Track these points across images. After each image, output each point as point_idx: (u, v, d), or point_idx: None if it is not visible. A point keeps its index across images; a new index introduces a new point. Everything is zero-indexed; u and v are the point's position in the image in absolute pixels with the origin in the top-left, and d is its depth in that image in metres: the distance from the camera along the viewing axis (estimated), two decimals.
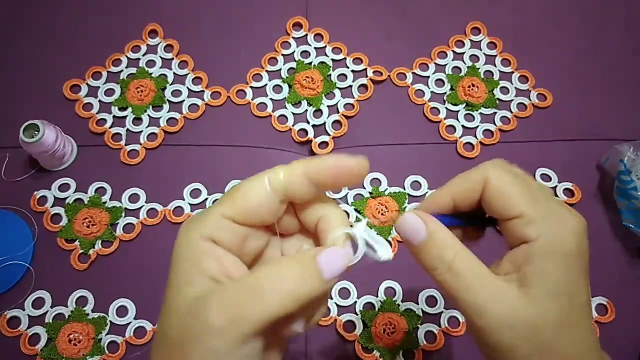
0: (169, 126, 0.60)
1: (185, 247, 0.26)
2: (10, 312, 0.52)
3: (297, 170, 0.26)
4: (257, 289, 0.23)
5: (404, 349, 0.51)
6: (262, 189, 0.26)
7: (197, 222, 0.26)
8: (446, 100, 0.62)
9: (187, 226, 0.26)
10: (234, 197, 0.26)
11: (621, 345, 0.52)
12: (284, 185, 0.26)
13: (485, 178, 0.27)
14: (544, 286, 0.25)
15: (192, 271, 0.25)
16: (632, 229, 0.53)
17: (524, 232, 0.26)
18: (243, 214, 0.26)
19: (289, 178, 0.26)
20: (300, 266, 0.24)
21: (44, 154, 0.54)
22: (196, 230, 0.26)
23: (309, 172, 0.26)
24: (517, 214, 0.26)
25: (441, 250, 0.26)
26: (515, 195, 0.26)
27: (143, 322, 0.52)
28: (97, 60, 0.63)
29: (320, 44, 0.64)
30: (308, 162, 0.26)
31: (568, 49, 0.66)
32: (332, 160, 0.26)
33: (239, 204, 0.26)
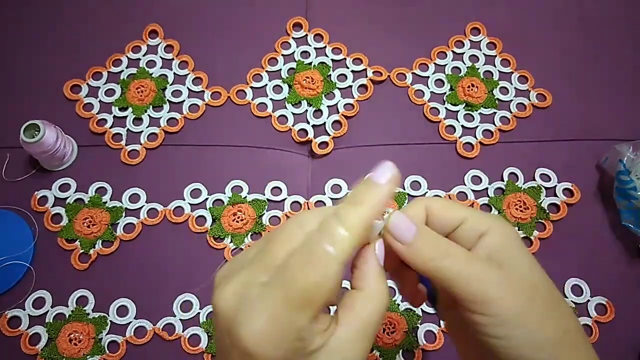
0: (169, 126, 0.60)
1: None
2: (10, 311, 0.52)
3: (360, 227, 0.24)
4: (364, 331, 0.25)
5: (404, 348, 0.51)
6: (334, 272, 0.23)
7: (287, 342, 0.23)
8: (446, 100, 0.62)
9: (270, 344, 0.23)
10: (313, 299, 0.23)
11: (621, 345, 0.52)
12: (353, 251, 0.24)
13: (425, 206, 0.30)
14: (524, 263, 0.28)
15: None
16: (632, 228, 0.53)
17: (477, 228, 0.29)
18: (322, 308, 0.24)
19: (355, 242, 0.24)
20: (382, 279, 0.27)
21: (44, 154, 0.54)
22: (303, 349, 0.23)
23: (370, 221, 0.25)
24: (463, 217, 0.29)
25: (434, 240, 0.28)
26: (455, 207, 0.30)
27: (143, 321, 0.52)
28: (97, 61, 0.63)
29: (320, 44, 0.64)
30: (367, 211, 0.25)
31: (568, 49, 0.66)
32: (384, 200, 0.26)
33: (325, 303, 0.24)
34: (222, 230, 0.55)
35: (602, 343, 0.52)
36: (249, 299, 0.23)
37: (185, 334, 0.51)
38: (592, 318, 0.53)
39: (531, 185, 0.58)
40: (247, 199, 0.56)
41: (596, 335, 0.52)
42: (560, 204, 0.57)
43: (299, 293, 0.23)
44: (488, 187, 0.58)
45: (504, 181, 0.58)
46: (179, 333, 0.51)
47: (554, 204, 0.57)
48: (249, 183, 0.57)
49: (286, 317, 0.23)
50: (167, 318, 0.52)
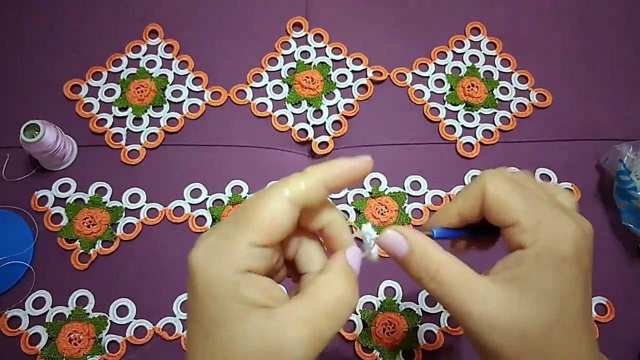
0: (169, 126, 0.60)
1: (218, 284, 0.24)
2: (10, 311, 0.52)
3: (316, 179, 0.26)
4: (326, 309, 0.25)
5: (404, 348, 0.51)
6: (284, 205, 0.25)
7: (222, 254, 0.24)
8: (446, 100, 0.62)
9: (209, 260, 0.24)
10: (256, 221, 0.25)
11: (621, 345, 0.52)
12: (304, 195, 0.26)
13: (483, 190, 0.28)
14: (533, 288, 0.25)
15: (239, 306, 0.24)
16: (632, 229, 0.53)
17: (520, 239, 0.26)
18: (271, 238, 0.25)
19: (309, 188, 0.26)
20: (347, 277, 0.26)
21: (44, 154, 0.54)
22: (225, 264, 0.24)
23: (327, 179, 0.26)
24: (512, 222, 0.26)
25: (424, 261, 0.27)
26: (510, 204, 0.27)
27: (143, 321, 0.52)
28: (97, 61, 0.63)
29: (320, 44, 0.64)
30: (325, 169, 0.26)
31: (568, 49, 0.66)
32: (346, 166, 0.27)
33: (265, 227, 0.25)
34: None
35: (602, 343, 0.51)
36: (209, 232, 0.26)
37: (185, 334, 0.51)
38: (592, 318, 0.53)
39: (556, 185, 0.57)
40: (247, 199, 0.56)
41: (596, 335, 0.52)
42: None
43: (248, 218, 0.25)
44: None
45: None
46: (179, 333, 0.51)
47: None
48: (249, 183, 0.57)
49: (226, 234, 0.25)
50: (167, 318, 0.52)
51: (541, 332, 0.25)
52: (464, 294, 0.26)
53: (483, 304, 0.25)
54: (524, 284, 0.25)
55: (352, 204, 0.56)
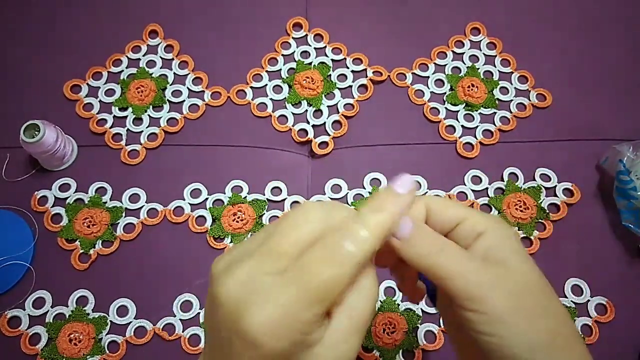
0: (169, 126, 0.60)
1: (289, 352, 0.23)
2: (10, 312, 0.52)
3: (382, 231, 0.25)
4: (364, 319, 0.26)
5: (404, 348, 0.51)
6: (352, 273, 0.24)
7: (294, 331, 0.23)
8: (446, 100, 0.62)
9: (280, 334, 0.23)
10: (325, 294, 0.23)
11: (621, 345, 0.52)
12: (372, 247, 0.25)
13: (424, 204, 0.30)
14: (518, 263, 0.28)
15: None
16: (632, 228, 0.53)
17: (475, 228, 0.29)
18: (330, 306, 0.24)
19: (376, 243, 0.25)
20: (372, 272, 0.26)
21: (44, 154, 0.54)
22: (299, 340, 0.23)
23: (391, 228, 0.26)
24: (462, 217, 0.30)
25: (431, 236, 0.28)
26: (455, 207, 0.30)
27: (143, 321, 0.52)
28: (97, 61, 0.63)
29: (320, 44, 0.64)
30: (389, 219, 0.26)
31: (568, 49, 0.66)
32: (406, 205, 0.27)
33: (334, 298, 0.24)
34: (222, 230, 0.55)
35: (602, 343, 0.52)
36: (260, 289, 0.23)
37: (185, 334, 0.51)
38: (592, 318, 0.53)
39: (531, 185, 0.58)
40: (247, 199, 0.56)
41: (596, 335, 0.52)
42: (560, 204, 0.57)
43: (314, 288, 0.23)
44: (488, 187, 0.58)
45: (504, 181, 0.58)
46: (179, 333, 0.51)
47: (554, 204, 0.57)
48: (249, 183, 0.57)
49: (297, 310, 0.23)
50: (167, 318, 0.52)
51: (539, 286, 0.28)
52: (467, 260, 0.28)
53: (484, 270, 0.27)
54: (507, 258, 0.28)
55: (352, 204, 0.56)
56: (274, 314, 0.22)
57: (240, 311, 0.23)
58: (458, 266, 0.27)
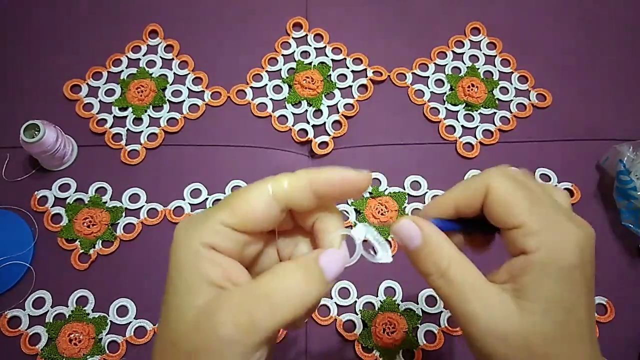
0: (169, 126, 0.60)
1: (184, 254, 0.25)
2: (10, 312, 0.52)
3: (302, 181, 0.26)
4: (266, 296, 0.24)
5: (404, 348, 0.51)
6: (264, 197, 0.25)
7: (196, 228, 0.25)
8: (446, 100, 0.62)
9: (185, 231, 0.26)
10: (234, 204, 0.25)
11: (621, 345, 0.52)
12: (287, 195, 0.25)
13: (487, 186, 0.27)
14: (539, 298, 0.25)
15: (194, 278, 0.24)
16: (632, 228, 0.53)
17: (524, 242, 0.25)
18: (243, 223, 0.25)
19: (293, 188, 0.25)
20: (306, 270, 0.25)
21: (44, 154, 0.54)
22: (195, 236, 0.25)
23: (314, 184, 0.26)
24: (517, 224, 0.25)
25: (436, 256, 0.26)
26: (516, 205, 0.26)
27: (143, 321, 0.52)
28: (97, 61, 0.63)
29: (320, 44, 0.64)
30: (314, 173, 0.26)
31: (568, 49, 0.66)
32: (338, 174, 0.26)
33: (240, 211, 0.25)
34: None
35: (602, 343, 0.51)
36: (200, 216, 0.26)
37: None
38: (595, 326, 0.53)
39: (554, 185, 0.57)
40: None
41: (596, 335, 0.52)
42: None
43: (226, 199, 0.26)
44: None
45: None
46: None
47: None
48: (249, 183, 0.57)
49: (208, 211, 0.26)
50: None
51: (546, 342, 0.24)
52: (471, 296, 0.25)
53: (490, 311, 0.25)
54: (531, 293, 0.25)
55: (352, 204, 0.56)
56: (191, 218, 0.26)
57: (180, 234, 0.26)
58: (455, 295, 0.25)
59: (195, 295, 0.24)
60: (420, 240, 0.27)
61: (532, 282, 0.25)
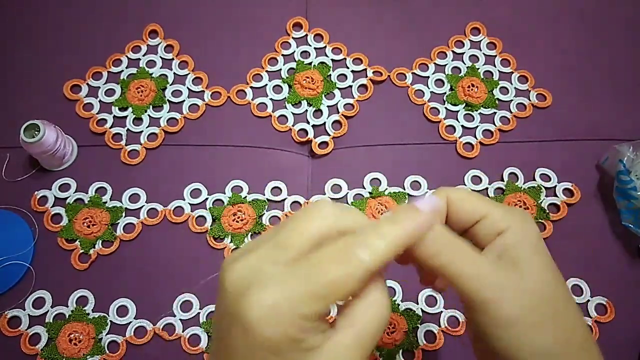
0: (169, 126, 0.60)
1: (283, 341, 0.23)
2: (10, 312, 0.52)
3: (396, 243, 0.25)
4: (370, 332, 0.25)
5: (404, 348, 0.51)
6: (359, 276, 0.23)
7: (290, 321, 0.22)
8: (446, 100, 0.62)
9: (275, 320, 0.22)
10: (328, 292, 0.23)
11: (621, 345, 0.52)
12: (382, 263, 0.24)
13: (447, 197, 0.30)
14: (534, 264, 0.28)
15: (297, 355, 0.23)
16: (632, 228, 0.53)
17: (496, 226, 0.29)
18: (329, 307, 0.24)
19: (388, 254, 0.24)
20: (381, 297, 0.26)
21: (44, 154, 0.54)
22: (294, 331, 0.23)
23: (407, 243, 0.25)
24: (484, 213, 0.29)
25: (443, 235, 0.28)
26: (477, 201, 0.30)
27: (143, 321, 0.52)
28: (97, 61, 0.63)
29: (320, 44, 0.64)
30: (405, 232, 0.25)
31: (568, 49, 0.66)
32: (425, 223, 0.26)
33: (336, 298, 0.23)
34: (222, 230, 0.55)
35: (602, 343, 0.51)
36: (265, 276, 0.23)
37: (185, 334, 0.51)
38: (592, 318, 0.53)
39: (531, 185, 0.58)
40: (247, 199, 0.56)
41: (596, 335, 0.52)
42: (560, 204, 0.57)
43: (320, 283, 0.23)
44: (488, 187, 0.58)
45: (504, 181, 0.58)
46: (179, 333, 0.51)
47: (554, 204, 0.57)
48: (249, 183, 0.57)
49: (298, 302, 0.22)
50: (167, 318, 0.52)
51: (556, 300, 0.28)
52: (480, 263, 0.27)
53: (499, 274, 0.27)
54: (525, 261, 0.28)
55: (352, 204, 0.56)
56: (273, 299, 0.22)
57: (241, 294, 0.23)
58: (466, 268, 0.27)
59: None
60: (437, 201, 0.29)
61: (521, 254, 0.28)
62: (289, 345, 0.23)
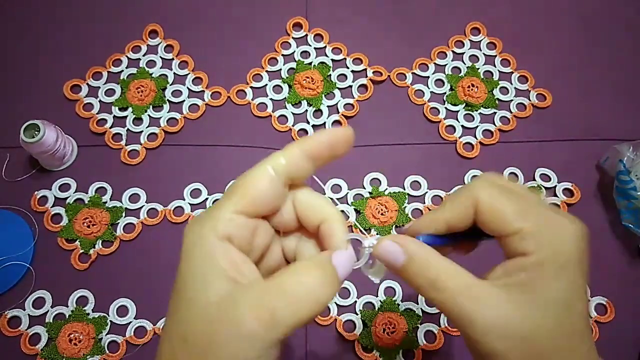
0: (169, 126, 0.60)
1: (198, 247, 0.25)
2: (10, 311, 0.52)
3: (295, 151, 0.27)
4: (287, 292, 0.24)
5: (404, 348, 0.51)
6: (266, 176, 0.26)
7: (209, 220, 0.25)
8: (446, 100, 0.62)
9: (198, 224, 0.26)
10: (240, 190, 0.26)
11: (621, 345, 0.52)
12: (286, 168, 0.27)
13: (475, 199, 0.27)
14: (539, 294, 0.25)
15: (209, 272, 0.24)
16: (632, 228, 0.53)
17: (522, 246, 0.25)
18: (253, 205, 0.26)
19: (290, 160, 0.27)
20: (323, 270, 0.25)
21: (44, 154, 0.54)
22: (210, 228, 0.25)
23: (306, 150, 0.27)
24: (513, 230, 0.26)
25: (423, 270, 0.26)
26: (508, 212, 0.26)
27: (143, 321, 0.52)
28: (97, 61, 0.63)
29: (320, 44, 0.64)
30: (302, 141, 0.27)
31: (568, 49, 0.66)
32: (324, 134, 0.28)
33: (248, 195, 0.26)
34: None
35: (602, 343, 0.52)
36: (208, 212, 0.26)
37: None
38: (592, 318, 0.53)
39: (531, 185, 0.58)
40: None
41: (596, 335, 0.52)
42: (560, 204, 0.57)
43: (231, 187, 0.26)
44: None
45: None
46: None
47: (554, 204, 0.57)
48: None
49: (217, 203, 0.26)
50: None
51: (547, 337, 0.24)
52: (466, 300, 0.25)
53: (487, 310, 0.25)
54: (530, 289, 0.25)
55: (352, 204, 0.56)
56: (202, 213, 0.27)
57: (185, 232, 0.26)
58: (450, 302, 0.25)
59: (210, 289, 0.24)
60: (404, 258, 0.27)
61: (531, 279, 0.25)
62: (202, 254, 0.25)
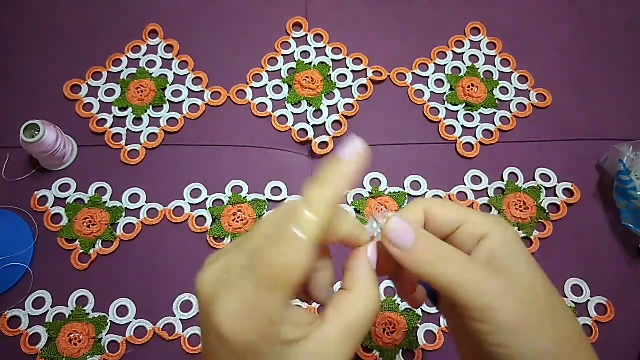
0: (169, 126, 0.60)
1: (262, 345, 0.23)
2: (10, 312, 0.52)
3: (324, 205, 0.24)
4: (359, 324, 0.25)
5: (404, 348, 0.51)
6: (306, 253, 0.23)
7: (263, 322, 0.22)
8: (446, 100, 0.62)
9: (248, 326, 0.22)
10: (285, 278, 0.23)
11: (621, 345, 0.52)
12: (320, 231, 0.23)
13: (423, 209, 0.30)
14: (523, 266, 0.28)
15: (280, 349, 0.23)
16: (632, 228, 0.53)
17: (477, 231, 0.29)
18: (294, 290, 0.23)
19: (322, 219, 0.23)
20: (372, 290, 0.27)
21: (44, 154, 0.54)
22: (269, 332, 0.23)
23: (336, 200, 0.24)
24: (462, 220, 0.29)
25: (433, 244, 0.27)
26: (454, 209, 0.30)
27: (143, 321, 0.52)
28: (97, 61, 0.63)
29: (320, 44, 0.64)
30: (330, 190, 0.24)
31: (568, 49, 0.66)
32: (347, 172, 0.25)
33: (295, 283, 0.23)
34: (222, 230, 0.55)
35: (602, 343, 0.52)
36: (227, 280, 0.23)
37: (185, 334, 0.51)
38: (592, 318, 0.53)
39: (531, 185, 0.58)
40: (247, 199, 0.56)
41: (596, 335, 0.52)
42: (560, 204, 0.57)
43: (267, 274, 0.22)
44: (488, 187, 0.58)
45: (504, 181, 0.58)
46: (179, 333, 0.51)
47: (554, 204, 0.57)
48: (249, 183, 0.57)
49: (256, 298, 0.22)
50: (167, 318, 0.52)
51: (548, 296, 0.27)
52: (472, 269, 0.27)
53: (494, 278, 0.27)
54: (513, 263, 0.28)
55: (352, 204, 0.56)
56: (235, 303, 0.22)
57: (210, 301, 0.23)
58: (463, 275, 0.26)
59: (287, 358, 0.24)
60: (414, 235, 0.27)
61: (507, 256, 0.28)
62: (266, 341, 0.23)
